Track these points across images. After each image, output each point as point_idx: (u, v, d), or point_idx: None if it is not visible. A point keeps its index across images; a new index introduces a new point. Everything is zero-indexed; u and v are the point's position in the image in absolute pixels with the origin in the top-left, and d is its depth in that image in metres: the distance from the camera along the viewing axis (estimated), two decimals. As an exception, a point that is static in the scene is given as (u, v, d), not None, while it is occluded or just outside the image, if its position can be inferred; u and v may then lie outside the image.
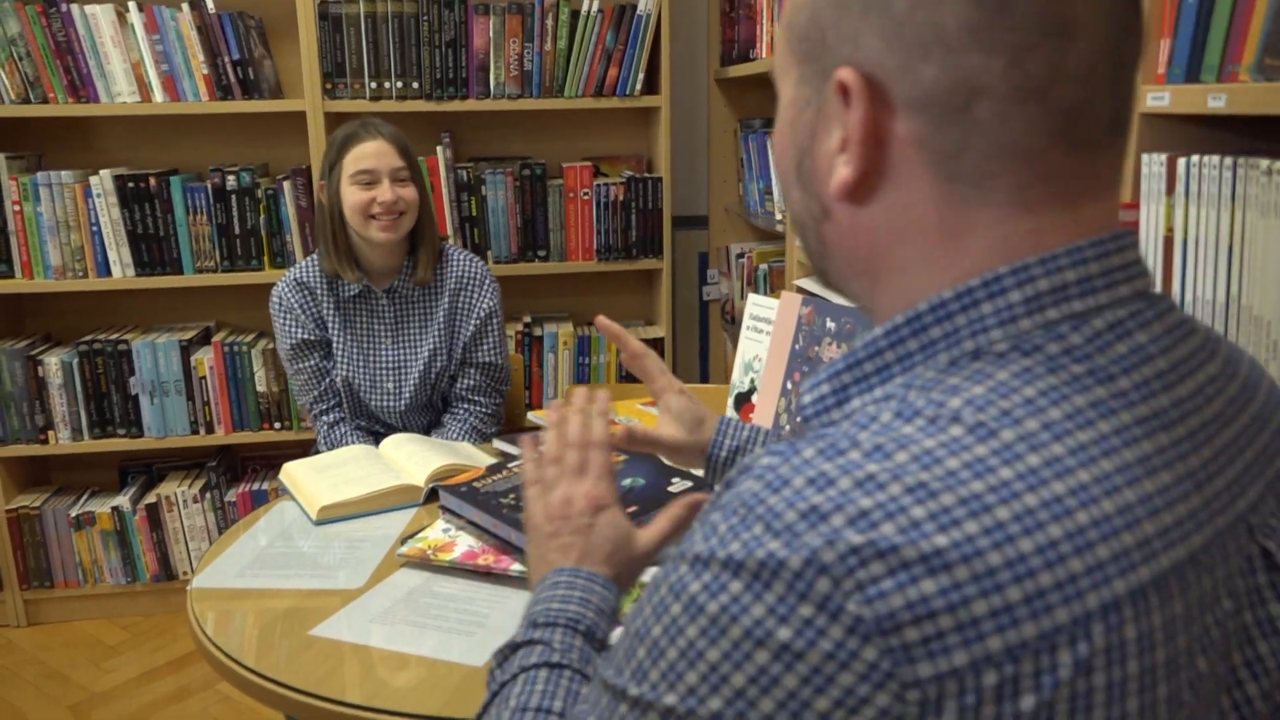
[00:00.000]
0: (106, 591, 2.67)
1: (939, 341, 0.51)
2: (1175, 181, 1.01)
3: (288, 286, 1.99)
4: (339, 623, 1.16)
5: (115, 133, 2.63)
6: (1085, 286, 0.50)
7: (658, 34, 2.56)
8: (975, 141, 0.50)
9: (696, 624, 0.47)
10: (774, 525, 0.46)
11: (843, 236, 0.56)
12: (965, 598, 0.43)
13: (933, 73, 0.49)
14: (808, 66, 0.55)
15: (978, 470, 0.45)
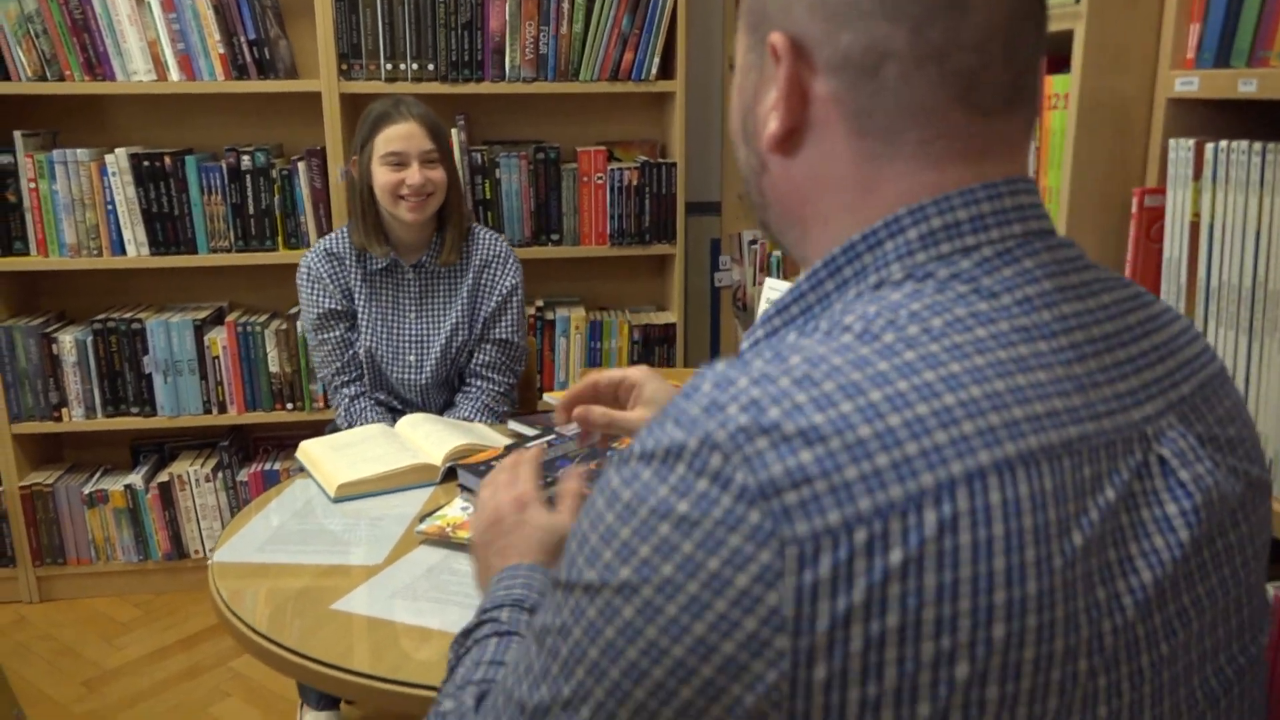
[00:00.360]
0: (119, 569, 2.68)
1: (850, 281, 0.58)
2: (1203, 166, 1.01)
3: (317, 256, 2.02)
4: (360, 597, 1.16)
5: (131, 111, 2.64)
6: (977, 224, 0.56)
7: (674, 18, 2.56)
8: (884, 100, 0.56)
9: (613, 510, 0.53)
10: (680, 419, 0.52)
11: (776, 188, 0.63)
12: (838, 465, 0.48)
13: (848, 38, 0.56)
14: (752, 35, 0.63)
15: (858, 364, 0.51)
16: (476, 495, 1.35)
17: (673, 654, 0.50)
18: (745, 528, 0.49)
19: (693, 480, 0.50)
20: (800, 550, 0.48)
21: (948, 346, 0.52)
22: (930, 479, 0.48)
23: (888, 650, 0.48)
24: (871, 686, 0.48)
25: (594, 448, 1.41)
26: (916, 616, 0.48)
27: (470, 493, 1.36)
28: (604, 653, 0.53)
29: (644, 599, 0.51)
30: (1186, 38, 1.04)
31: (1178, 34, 1.04)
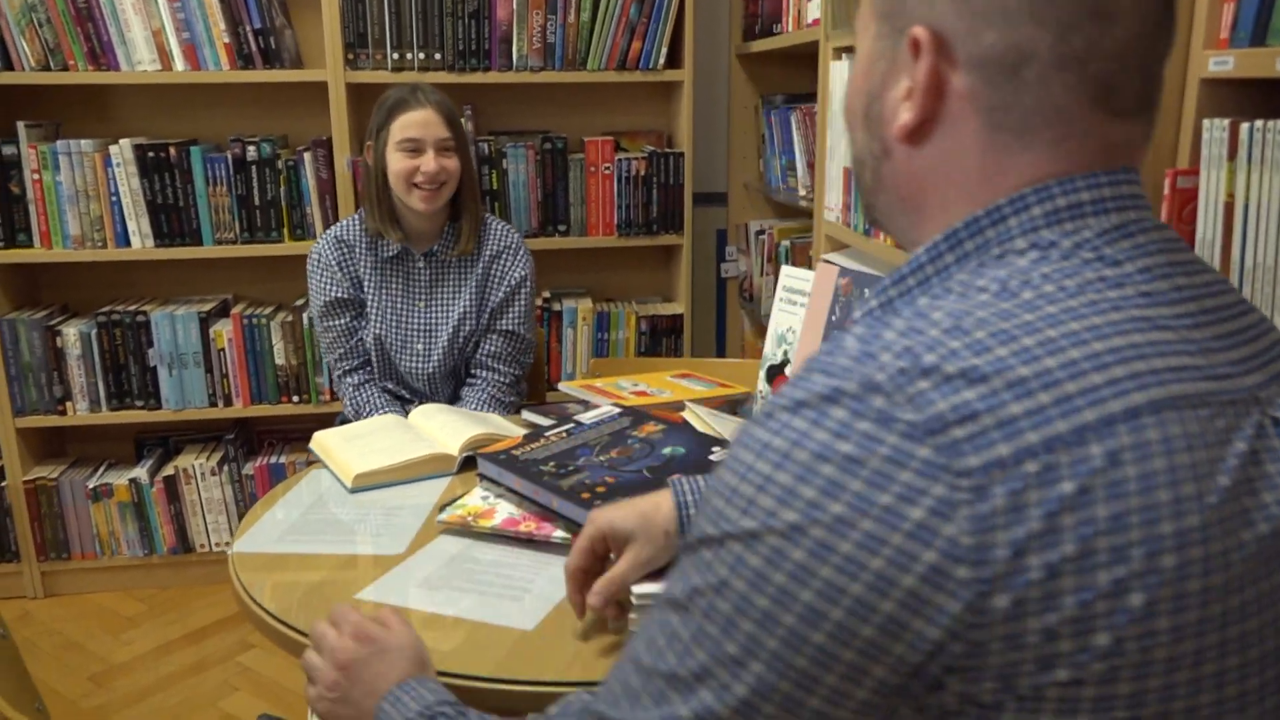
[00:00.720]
0: (123, 563, 2.66)
1: (971, 254, 0.60)
2: (1238, 147, 1.00)
3: (328, 243, 2.01)
4: (384, 587, 1.15)
5: (135, 101, 2.61)
6: (1099, 206, 0.59)
7: (681, 7, 2.54)
8: (1021, 99, 0.58)
9: (765, 459, 0.54)
10: (830, 369, 0.54)
11: (897, 175, 0.65)
12: (1002, 401, 0.51)
13: (992, 37, 0.58)
14: (885, 24, 0.64)
15: (1003, 316, 0.54)
16: (496, 484, 1.35)
17: (851, 592, 0.51)
18: (915, 463, 0.50)
19: (854, 422, 0.52)
20: (973, 482, 0.49)
21: (1084, 303, 0.55)
22: (1092, 415, 0.51)
23: (1065, 579, 0.49)
24: (1051, 615, 0.49)
25: (615, 434, 1.40)
26: (1091, 545, 0.49)
27: (491, 481, 1.35)
28: (775, 601, 0.52)
29: (815, 539, 0.51)
30: (1220, 17, 1.03)
31: (1210, 14, 1.03)
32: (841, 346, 0.56)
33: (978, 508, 0.49)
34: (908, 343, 0.54)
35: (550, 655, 1.00)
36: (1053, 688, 0.49)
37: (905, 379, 0.52)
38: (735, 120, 2.95)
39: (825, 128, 2.04)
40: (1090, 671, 0.49)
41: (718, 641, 0.54)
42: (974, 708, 0.51)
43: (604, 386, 1.69)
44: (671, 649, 0.57)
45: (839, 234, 1.98)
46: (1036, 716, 0.50)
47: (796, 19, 2.34)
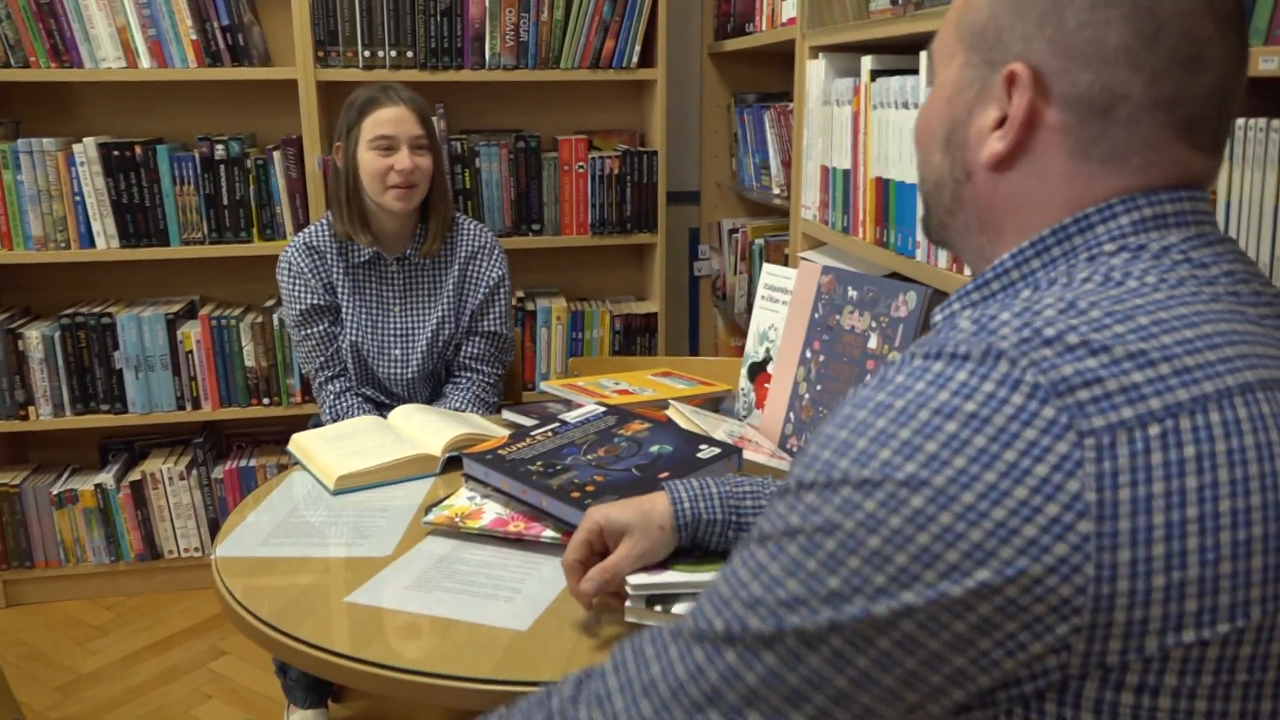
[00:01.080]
0: (89, 571, 2.61)
1: (1058, 259, 0.63)
2: (1221, 144, 1.02)
3: (297, 251, 1.96)
4: (374, 589, 1.14)
5: (99, 99, 2.56)
6: (1180, 218, 0.63)
7: (654, 6, 2.54)
8: (1111, 134, 0.62)
9: (884, 416, 0.56)
10: (948, 343, 0.57)
11: (978, 199, 0.69)
12: (1125, 370, 0.53)
13: (1088, 78, 0.62)
14: (976, 55, 0.67)
15: (1115, 300, 0.57)
16: (483, 484, 1.34)
17: (970, 537, 0.52)
18: (1040, 422, 0.52)
19: (978, 384, 0.54)
20: (1098, 441, 0.52)
21: (1187, 293, 0.58)
22: (1210, 387, 0.53)
23: (1189, 539, 0.51)
24: (1175, 574, 0.51)
25: (601, 433, 1.39)
26: (1214, 508, 0.51)
27: (477, 482, 1.33)
28: (888, 540, 0.54)
29: (936, 488, 0.53)
30: (1202, 17, 1.05)
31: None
32: (955, 327, 0.59)
33: (1102, 466, 0.51)
34: (1025, 319, 0.56)
35: (547, 655, 0.99)
36: (1178, 649, 0.51)
37: (1029, 346, 0.54)
38: (707, 119, 2.95)
39: (802, 126, 2.05)
40: (1215, 633, 0.51)
41: (816, 575, 0.56)
42: (1099, 670, 0.52)
43: (586, 385, 1.69)
44: (757, 579, 0.59)
45: (816, 232, 1.99)
46: (1161, 679, 0.51)
47: (770, 18, 2.35)
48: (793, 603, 0.56)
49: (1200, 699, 0.51)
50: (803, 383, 1.53)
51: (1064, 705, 0.53)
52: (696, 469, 1.27)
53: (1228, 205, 1.02)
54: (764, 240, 2.62)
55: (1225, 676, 0.51)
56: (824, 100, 1.90)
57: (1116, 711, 0.52)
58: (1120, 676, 0.51)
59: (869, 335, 1.43)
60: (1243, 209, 1.00)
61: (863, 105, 1.71)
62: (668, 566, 1.05)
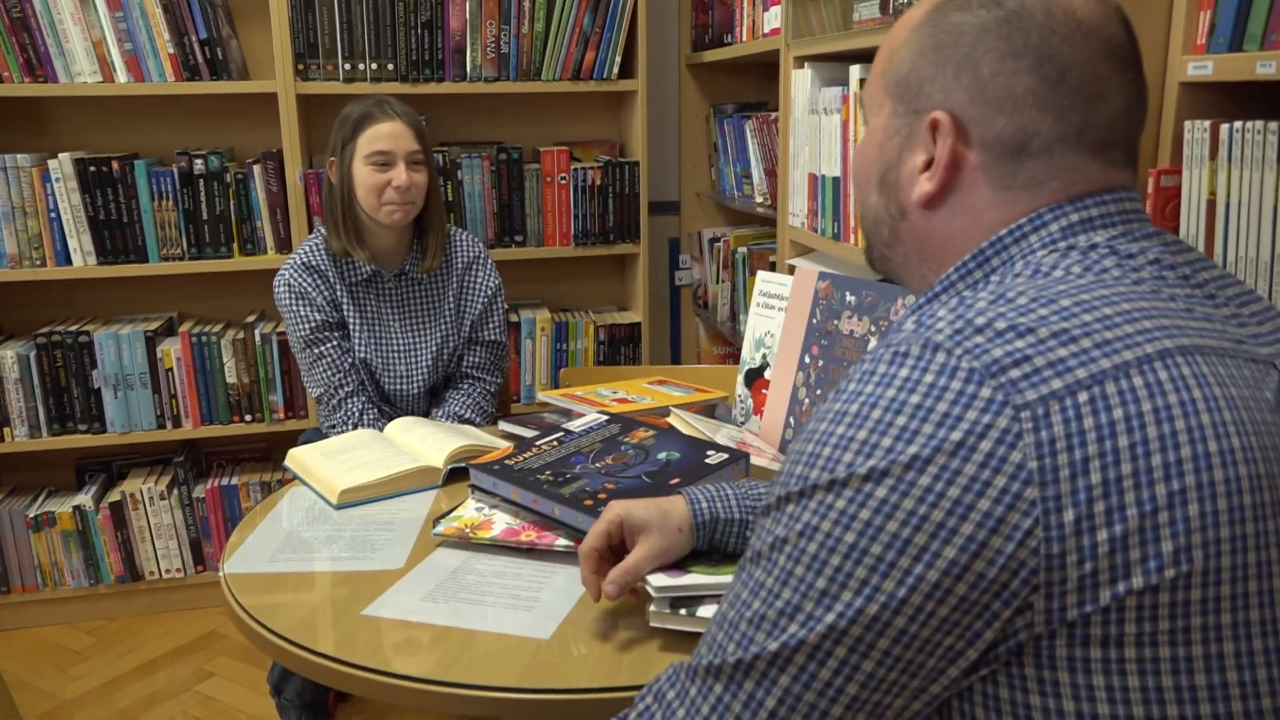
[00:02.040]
0: (68, 595, 2.56)
1: (997, 268, 0.69)
2: (1219, 147, 1.05)
3: (296, 271, 1.93)
4: (390, 602, 1.13)
5: (74, 114, 2.52)
6: (1107, 220, 0.67)
7: (634, 18, 2.56)
8: (1027, 166, 0.68)
9: (842, 423, 0.61)
10: (891, 343, 0.62)
11: (914, 233, 0.75)
12: (1050, 347, 0.58)
13: (1002, 122, 0.68)
14: (901, 104, 0.73)
15: (1041, 288, 0.62)
16: (491, 495, 1.33)
17: (932, 518, 0.56)
18: (979, 403, 0.57)
19: (920, 376, 0.59)
20: (1033, 413, 0.56)
21: (1111, 278, 0.63)
22: (1130, 355, 0.58)
23: (1126, 494, 0.55)
24: (1117, 526, 0.55)
25: (606, 441, 1.39)
26: (1147, 463, 0.55)
27: (484, 492, 1.33)
28: (861, 534, 0.58)
29: (896, 478, 0.57)
30: (1197, 24, 1.08)
31: (1189, 21, 1.08)
32: (899, 329, 0.64)
33: (1039, 435, 0.55)
34: (958, 313, 0.62)
35: (573, 663, 0.99)
36: (1130, 596, 0.54)
37: (962, 336, 0.59)
38: (686, 129, 2.97)
39: (788, 135, 2.08)
40: (1163, 578, 0.54)
41: (804, 579, 0.60)
42: (1064, 627, 0.55)
43: (585, 395, 1.69)
44: (757, 596, 0.62)
45: (804, 239, 2.01)
46: (1121, 628, 0.55)
47: (752, 29, 2.37)
48: (790, 611, 0.60)
49: (1163, 645, 0.55)
50: (802, 388, 1.55)
51: (1040, 667, 0.56)
52: (705, 474, 1.27)
53: (1226, 206, 1.05)
54: (747, 249, 2.64)
55: (1181, 621, 0.55)
56: (810, 109, 1.92)
57: (1089, 667, 0.55)
58: (1085, 631, 0.55)
59: (869, 339, 1.45)
60: (1241, 209, 1.03)
61: (853, 113, 1.73)
62: (686, 569, 1.06)
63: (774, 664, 0.60)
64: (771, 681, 0.61)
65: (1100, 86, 0.67)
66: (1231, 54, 1.03)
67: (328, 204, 1.93)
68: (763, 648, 0.61)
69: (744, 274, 2.64)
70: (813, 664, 0.59)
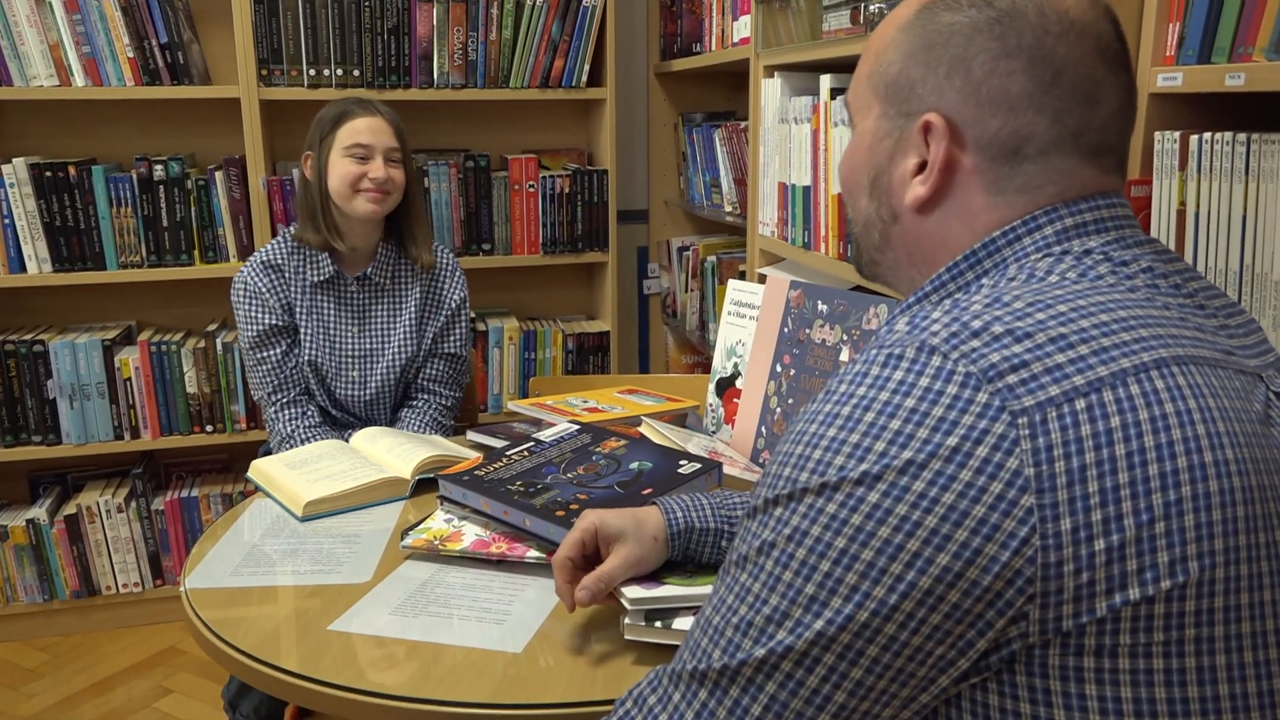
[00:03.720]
0: (21, 611, 2.49)
1: (990, 270, 0.68)
2: (1188, 157, 1.06)
3: (254, 270, 1.91)
4: (358, 616, 1.10)
5: (30, 119, 2.47)
6: (1100, 224, 0.67)
7: (602, 26, 2.55)
8: (1023, 169, 0.67)
9: (833, 425, 0.59)
10: (884, 344, 0.61)
11: (906, 237, 0.73)
12: (1047, 353, 0.57)
13: (997, 124, 0.67)
14: (891, 106, 0.72)
15: (1037, 293, 0.61)
16: (461, 506, 1.31)
17: (926, 524, 0.55)
18: (975, 408, 0.56)
19: (915, 379, 0.58)
20: (1030, 419, 0.55)
21: (1106, 284, 0.62)
22: (1128, 363, 0.57)
23: (1124, 503, 0.54)
24: (1114, 536, 0.54)
25: (577, 451, 1.38)
26: (1144, 472, 0.54)
27: (454, 504, 1.31)
28: (852, 539, 0.57)
29: (889, 483, 0.56)
30: (1166, 36, 1.09)
31: (1158, 32, 1.09)
32: (891, 330, 0.62)
33: (1037, 441, 0.54)
34: (954, 315, 0.60)
35: (546, 676, 0.97)
36: (1127, 608, 0.53)
37: (958, 339, 0.58)
38: (654, 138, 2.97)
39: (758, 144, 2.08)
40: (1159, 589, 0.53)
41: (792, 585, 0.58)
42: (1058, 637, 0.54)
43: (555, 404, 1.67)
44: (743, 602, 0.60)
45: (774, 248, 2.01)
46: (1116, 639, 0.54)
47: (721, 38, 2.38)
48: (778, 617, 0.58)
49: (1156, 657, 0.54)
50: (774, 397, 1.54)
51: (1033, 675, 0.55)
52: (678, 484, 1.26)
53: (1196, 216, 1.06)
54: (716, 258, 2.64)
55: (1175, 633, 0.54)
56: (780, 118, 1.93)
57: (1083, 676, 0.55)
58: (1079, 641, 0.54)
59: (840, 348, 1.45)
60: (1210, 219, 1.04)
61: (823, 123, 1.73)
62: (662, 580, 1.04)
63: (760, 670, 0.59)
64: (758, 689, 0.59)
65: (1095, 88, 0.66)
66: (1200, 65, 1.04)
67: (302, 200, 1.92)
68: (749, 654, 0.59)
69: (713, 283, 2.64)
70: (800, 671, 0.58)
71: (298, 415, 1.94)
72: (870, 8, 1.58)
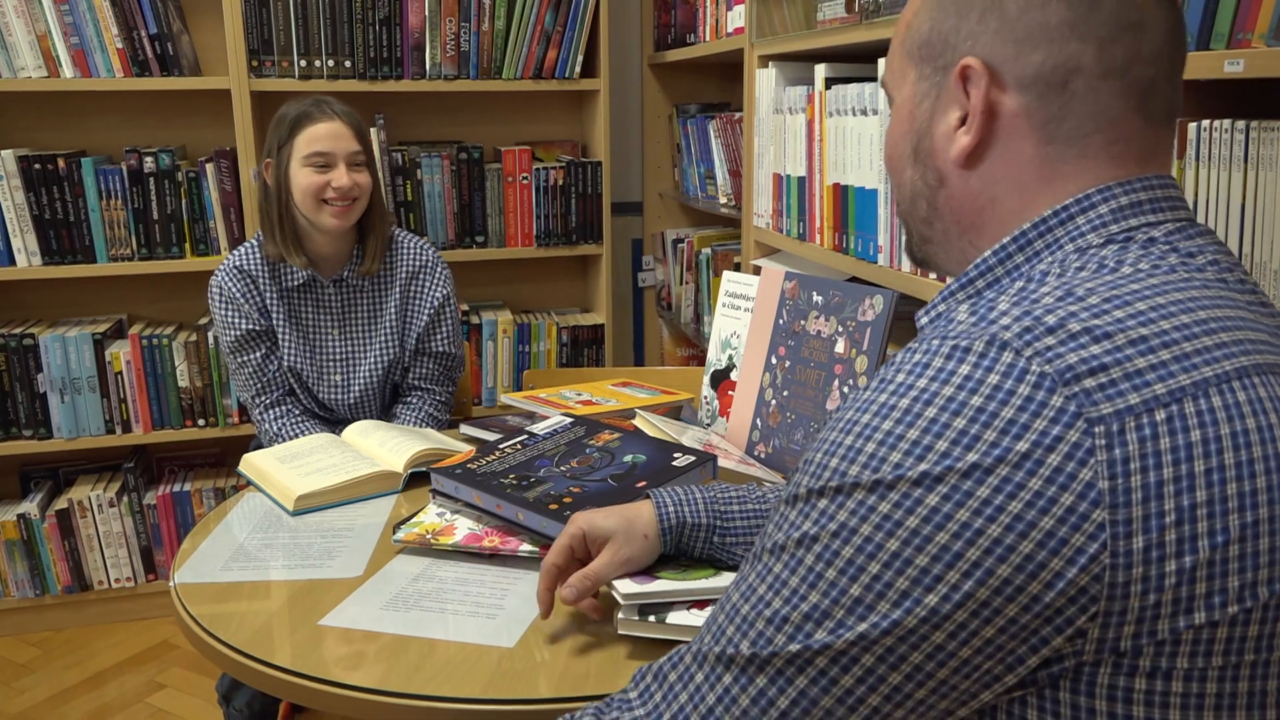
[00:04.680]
0: (12, 606, 2.47)
1: (1041, 251, 0.64)
2: (1186, 145, 1.04)
3: (228, 275, 1.87)
4: (349, 611, 1.09)
5: (18, 110, 2.44)
6: (1156, 205, 0.63)
7: (595, 17, 2.53)
8: (1073, 109, 0.63)
9: (889, 418, 0.55)
10: (949, 335, 0.57)
11: (953, 199, 0.69)
12: (1128, 356, 0.54)
13: (1039, 58, 0.63)
14: (927, 65, 0.69)
15: (1112, 285, 0.58)
16: (453, 499, 1.30)
17: (989, 533, 0.52)
18: (1049, 411, 0.52)
19: (983, 376, 0.54)
20: (1107, 428, 0.52)
21: (1180, 279, 0.59)
22: (1210, 371, 0.54)
23: (1200, 523, 0.51)
24: (1187, 558, 0.51)
25: (571, 444, 1.37)
26: (1223, 491, 0.52)
27: (446, 497, 1.30)
28: (906, 543, 0.53)
29: (950, 485, 0.53)
30: (1164, 22, 1.08)
31: (1156, 18, 1.08)
32: (953, 320, 0.59)
33: (1113, 453, 0.51)
34: (1024, 308, 0.56)
35: (539, 671, 0.96)
36: (1189, 631, 0.51)
37: (1032, 336, 0.54)
38: (649, 130, 2.95)
39: (752, 135, 2.06)
40: (1224, 615, 0.51)
41: (836, 584, 0.55)
42: (1112, 656, 0.52)
43: (549, 397, 1.66)
44: (778, 595, 0.58)
45: (770, 239, 2.00)
46: (1173, 662, 0.52)
47: (715, 29, 2.36)
48: (818, 616, 0.56)
49: (1210, 681, 0.52)
50: (769, 389, 1.53)
51: (1078, 693, 0.53)
52: (672, 477, 1.25)
53: (1196, 204, 1.05)
54: (711, 250, 2.63)
55: (1234, 658, 0.52)
56: (775, 109, 1.91)
57: (1131, 697, 0.52)
58: (1133, 661, 0.52)
59: (836, 340, 1.44)
60: (1210, 207, 1.03)
61: (818, 113, 1.72)
62: (654, 575, 1.03)
63: (792, 664, 0.57)
64: (787, 681, 0.57)
65: (1139, 13, 0.62)
66: (1199, 52, 1.03)
67: (263, 208, 1.86)
68: (781, 648, 0.57)
69: (708, 275, 2.62)
70: (835, 669, 0.56)
71: (284, 414, 1.92)
72: (865, -4, 1.57)
